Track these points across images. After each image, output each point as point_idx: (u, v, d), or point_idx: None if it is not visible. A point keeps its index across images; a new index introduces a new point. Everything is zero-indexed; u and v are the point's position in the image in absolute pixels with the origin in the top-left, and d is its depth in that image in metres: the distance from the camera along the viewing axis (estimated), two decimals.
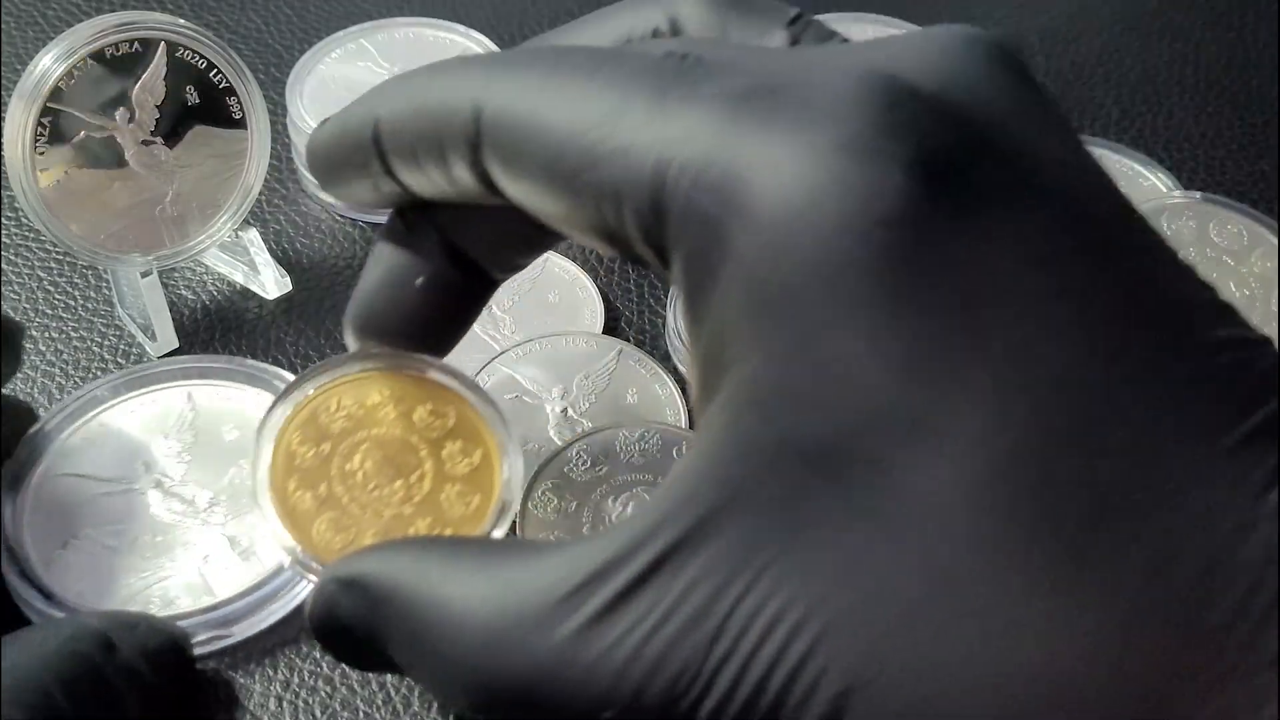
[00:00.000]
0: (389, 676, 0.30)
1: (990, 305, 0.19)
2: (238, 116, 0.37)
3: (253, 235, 0.38)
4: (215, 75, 0.36)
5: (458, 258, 0.28)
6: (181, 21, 0.35)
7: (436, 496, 0.29)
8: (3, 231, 0.40)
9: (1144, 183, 0.42)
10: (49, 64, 0.33)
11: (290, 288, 0.39)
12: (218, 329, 0.38)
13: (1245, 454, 0.19)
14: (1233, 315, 0.20)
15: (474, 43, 0.45)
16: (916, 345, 0.19)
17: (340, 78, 0.43)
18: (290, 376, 0.34)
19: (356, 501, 0.28)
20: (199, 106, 0.36)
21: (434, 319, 0.29)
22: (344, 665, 0.29)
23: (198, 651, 0.30)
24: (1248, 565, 0.18)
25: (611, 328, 0.38)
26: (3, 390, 0.33)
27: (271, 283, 0.38)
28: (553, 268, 0.39)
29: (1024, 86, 0.22)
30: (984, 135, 0.21)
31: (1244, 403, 0.19)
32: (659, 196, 0.21)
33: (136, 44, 0.34)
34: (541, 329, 0.37)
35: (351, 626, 0.23)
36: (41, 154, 0.34)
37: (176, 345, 0.37)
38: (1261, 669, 0.18)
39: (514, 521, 0.31)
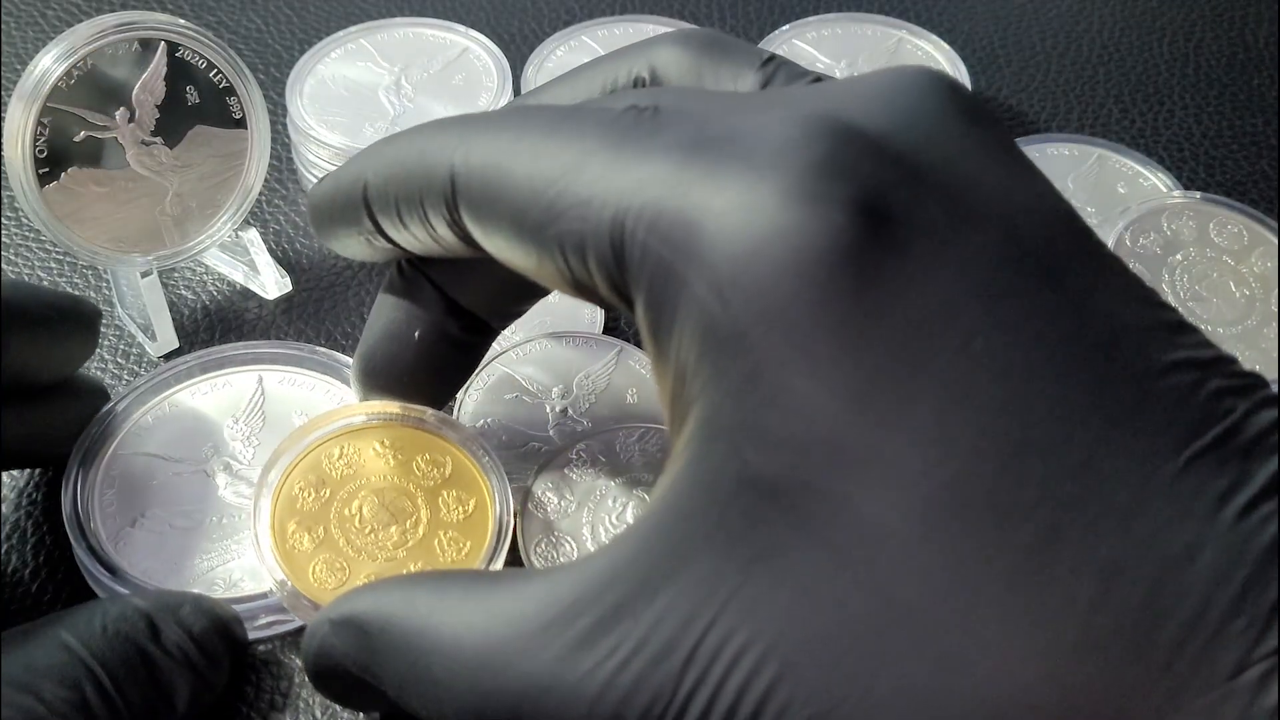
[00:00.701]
0: None
1: (931, 338, 0.20)
2: (238, 116, 0.37)
3: (253, 235, 0.38)
4: (215, 75, 0.36)
5: (454, 309, 0.30)
6: (181, 21, 0.35)
7: (430, 542, 0.30)
8: (3, 231, 0.40)
9: (1144, 183, 0.43)
10: (49, 64, 0.33)
11: (290, 288, 0.39)
12: (218, 329, 0.38)
13: (1194, 475, 0.19)
14: (1188, 335, 0.21)
15: (474, 42, 0.45)
16: (862, 379, 0.20)
17: (340, 78, 0.43)
18: None
19: (352, 545, 0.29)
20: (199, 106, 0.36)
21: (433, 370, 0.31)
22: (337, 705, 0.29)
23: (257, 635, 0.30)
24: (1197, 585, 0.18)
25: (611, 328, 0.38)
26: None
27: (271, 283, 0.38)
28: None
29: (971, 120, 0.23)
30: (925, 172, 0.21)
31: (1193, 424, 0.19)
32: (619, 245, 0.22)
33: (136, 44, 0.34)
34: (541, 329, 0.37)
35: (346, 665, 0.24)
36: (41, 154, 0.34)
37: (176, 345, 0.37)
38: (1213, 685, 0.18)
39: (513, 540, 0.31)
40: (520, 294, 0.30)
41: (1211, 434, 0.19)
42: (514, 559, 0.31)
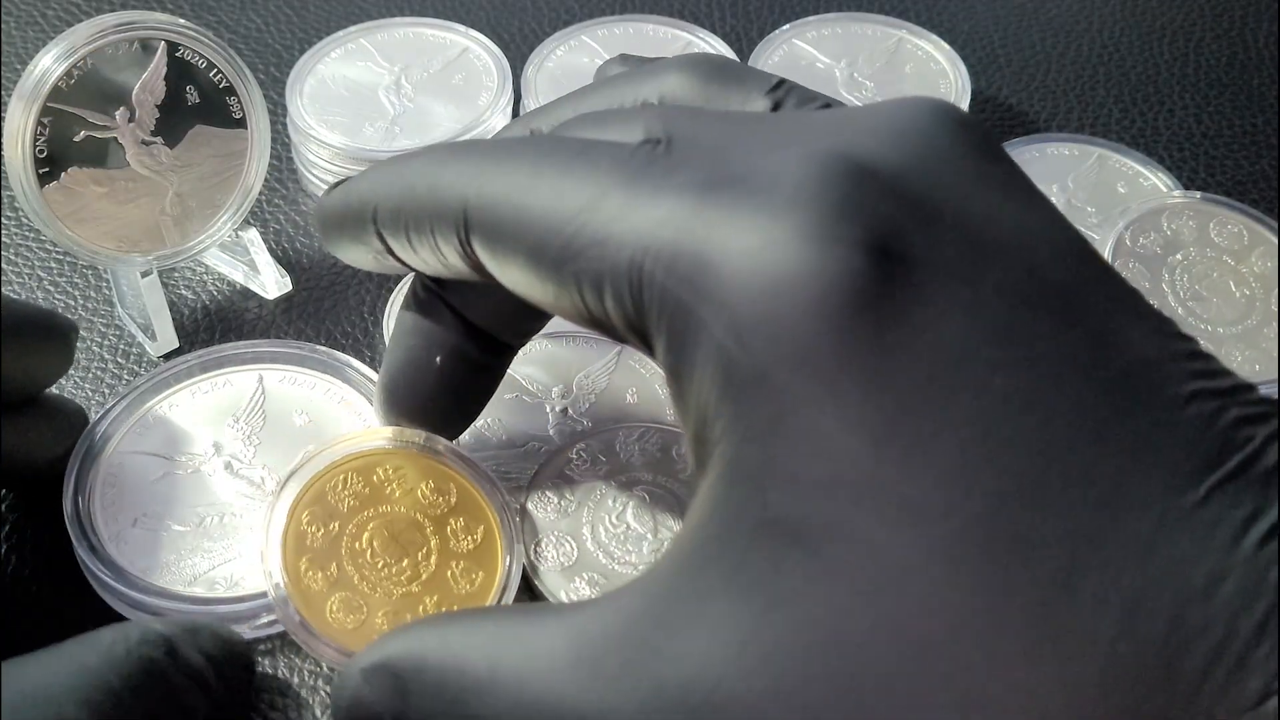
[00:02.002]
0: None
1: (952, 376, 0.20)
2: (238, 116, 0.37)
3: (253, 235, 0.38)
4: (215, 75, 0.36)
5: (472, 331, 0.30)
6: (181, 21, 0.35)
7: (443, 574, 0.30)
8: (3, 231, 0.40)
9: (1144, 183, 0.42)
10: (49, 64, 0.33)
11: (290, 288, 0.39)
12: (218, 329, 0.38)
13: (1215, 505, 0.19)
14: (1205, 363, 0.21)
15: (474, 42, 0.45)
16: (885, 419, 0.20)
17: (340, 78, 0.43)
18: (357, 364, 0.35)
19: (366, 581, 0.29)
20: (199, 106, 0.36)
21: (456, 394, 0.31)
22: None
23: (261, 634, 0.30)
24: (1220, 614, 0.18)
25: None
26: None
27: (271, 283, 0.38)
28: None
29: (983, 155, 0.23)
30: (940, 210, 0.21)
31: (1213, 454, 0.19)
32: (637, 286, 0.22)
33: (136, 44, 0.34)
34: (541, 329, 0.37)
35: (379, 713, 0.24)
36: (41, 154, 0.34)
37: (176, 345, 0.37)
38: (1238, 713, 0.18)
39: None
40: (537, 312, 0.30)
41: (1231, 463, 0.19)
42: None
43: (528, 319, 0.30)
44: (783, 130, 0.24)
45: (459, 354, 0.30)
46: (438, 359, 0.29)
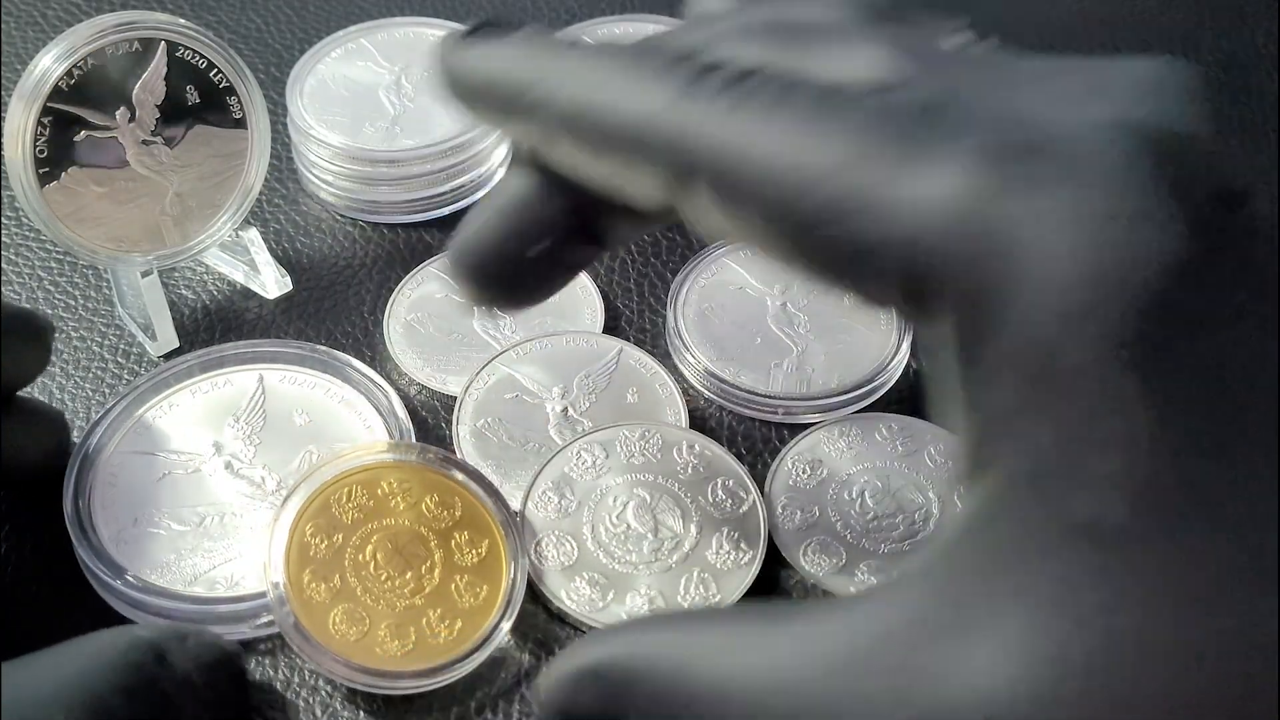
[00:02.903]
0: None
1: (1251, 385, 0.19)
2: (238, 116, 0.37)
3: (253, 235, 0.38)
4: (215, 75, 0.36)
5: (575, 230, 0.27)
6: (181, 21, 0.35)
7: (447, 587, 0.30)
8: (3, 231, 0.40)
9: None
10: (49, 64, 0.33)
11: (290, 287, 0.39)
12: (218, 329, 0.38)
13: None
14: None
15: None
16: (1207, 421, 0.18)
17: (340, 77, 0.43)
18: (357, 364, 0.35)
19: (370, 593, 0.29)
20: (199, 106, 0.36)
21: (535, 284, 0.29)
22: None
23: (261, 634, 0.30)
24: None
25: (611, 327, 0.38)
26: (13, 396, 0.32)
27: (272, 283, 0.38)
28: None
29: (1228, 122, 0.22)
30: (1240, 196, 0.20)
31: None
32: (920, 262, 0.20)
33: (136, 44, 0.34)
34: (541, 329, 0.37)
35: (594, 717, 0.22)
36: (41, 154, 0.34)
37: (177, 345, 0.37)
38: None
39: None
40: (660, 218, 0.28)
41: None
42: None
43: (647, 225, 0.28)
44: (1055, 94, 0.22)
45: (554, 255, 0.28)
46: (532, 250, 0.27)
